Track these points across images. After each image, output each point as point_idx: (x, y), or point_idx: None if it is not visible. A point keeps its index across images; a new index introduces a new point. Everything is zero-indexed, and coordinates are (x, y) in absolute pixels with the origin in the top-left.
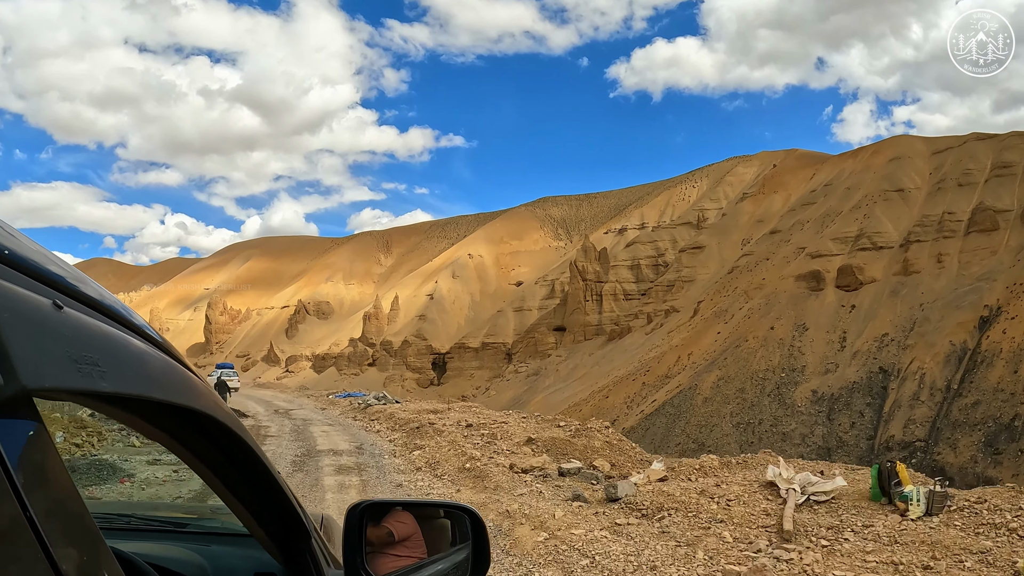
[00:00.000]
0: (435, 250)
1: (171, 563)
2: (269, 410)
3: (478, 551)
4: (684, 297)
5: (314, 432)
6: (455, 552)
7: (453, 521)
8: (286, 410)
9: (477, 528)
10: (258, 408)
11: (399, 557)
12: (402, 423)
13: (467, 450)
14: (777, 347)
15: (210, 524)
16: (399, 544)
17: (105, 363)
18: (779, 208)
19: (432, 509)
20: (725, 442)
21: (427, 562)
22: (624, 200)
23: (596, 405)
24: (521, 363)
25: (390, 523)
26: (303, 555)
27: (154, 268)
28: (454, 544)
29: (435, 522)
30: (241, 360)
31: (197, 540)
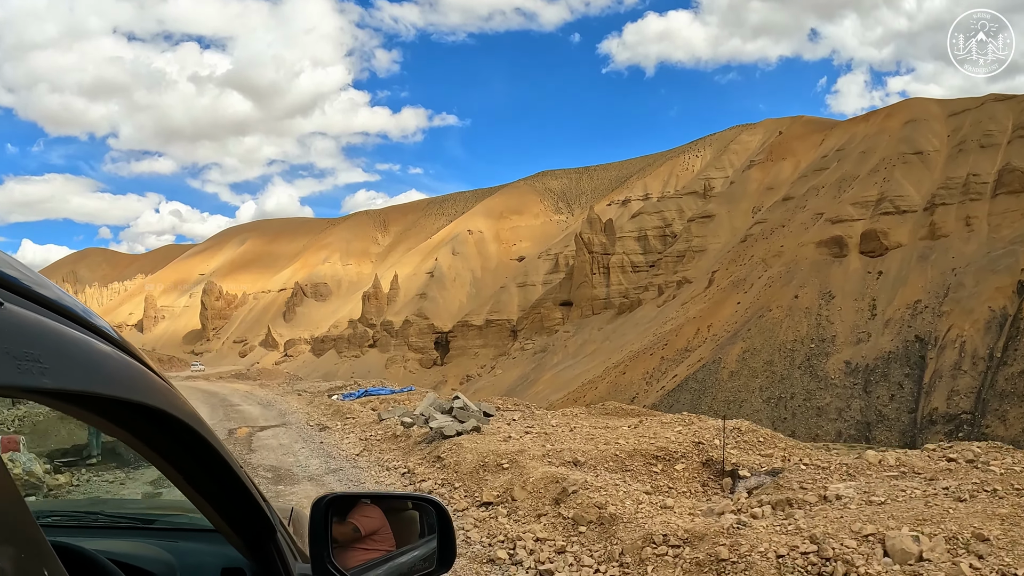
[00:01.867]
0: (433, 227)
1: (138, 560)
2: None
3: (445, 543)
4: (696, 267)
5: None
6: (423, 544)
7: (421, 513)
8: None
9: (443, 520)
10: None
11: (367, 550)
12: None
13: None
14: (803, 316)
15: (178, 520)
16: (367, 538)
17: (48, 360)
18: (789, 175)
19: (400, 501)
20: (756, 418)
21: (394, 554)
22: (624, 172)
23: (612, 382)
24: (527, 340)
25: (357, 517)
26: (269, 550)
27: (148, 256)
28: (423, 536)
29: (404, 514)
30: (239, 346)
31: (165, 536)
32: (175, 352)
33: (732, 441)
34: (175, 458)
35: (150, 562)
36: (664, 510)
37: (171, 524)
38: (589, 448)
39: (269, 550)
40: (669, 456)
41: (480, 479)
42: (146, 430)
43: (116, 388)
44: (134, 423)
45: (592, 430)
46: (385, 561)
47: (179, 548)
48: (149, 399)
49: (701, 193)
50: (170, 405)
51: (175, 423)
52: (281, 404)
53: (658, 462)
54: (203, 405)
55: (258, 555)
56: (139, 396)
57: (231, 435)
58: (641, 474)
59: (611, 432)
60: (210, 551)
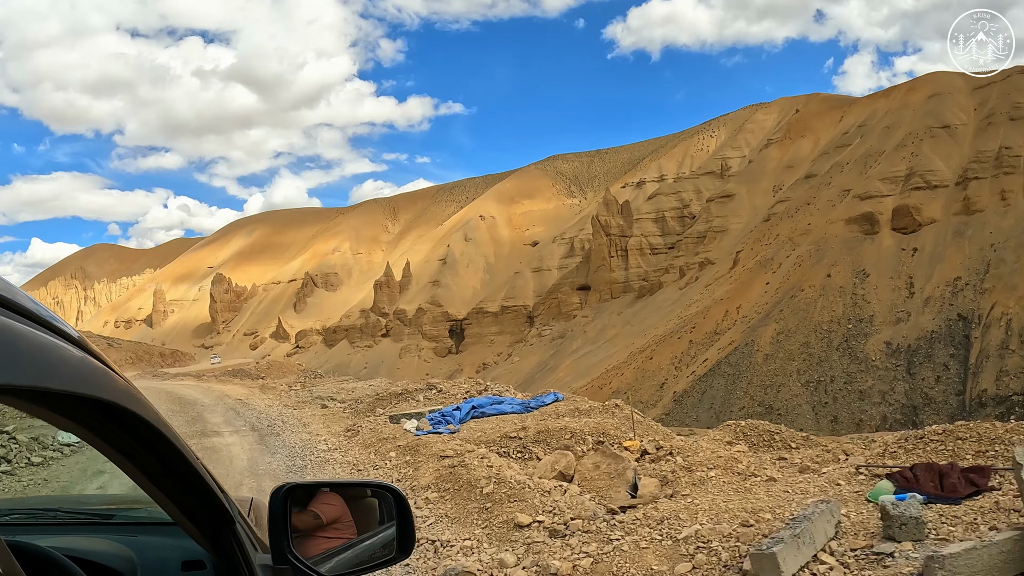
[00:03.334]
0: (443, 214)
1: (97, 556)
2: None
3: (403, 529)
4: (718, 248)
5: None
6: (382, 531)
7: (380, 501)
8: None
9: (402, 507)
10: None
11: (328, 539)
12: None
13: None
14: (838, 296)
15: (137, 514)
16: (328, 526)
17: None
18: (809, 152)
19: (359, 489)
20: (795, 403)
21: (354, 542)
22: (636, 154)
23: (639, 368)
24: (544, 326)
25: (317, 505)
26: (229, 541)
27: (156, 250)
28: (382, 523)
29: (363, 502)
30: (249, 338)
31: (124, 531)
32: (185, 346)
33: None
34: (132, 452)
35: (109, 558)
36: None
37: (130, 519)
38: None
39: (229, 541)
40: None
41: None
42: (102, 425)
43: (70, 383)
44: (89, 418)
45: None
46: (346, 549)
47: (138, 542)
48: (104, 394)
49: (718, 173)
50: (125, 399)
51: (130, 417)
52: (293, 437)
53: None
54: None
55: (218, 547)
56: (94, 391)
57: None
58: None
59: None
60: (170, 544)
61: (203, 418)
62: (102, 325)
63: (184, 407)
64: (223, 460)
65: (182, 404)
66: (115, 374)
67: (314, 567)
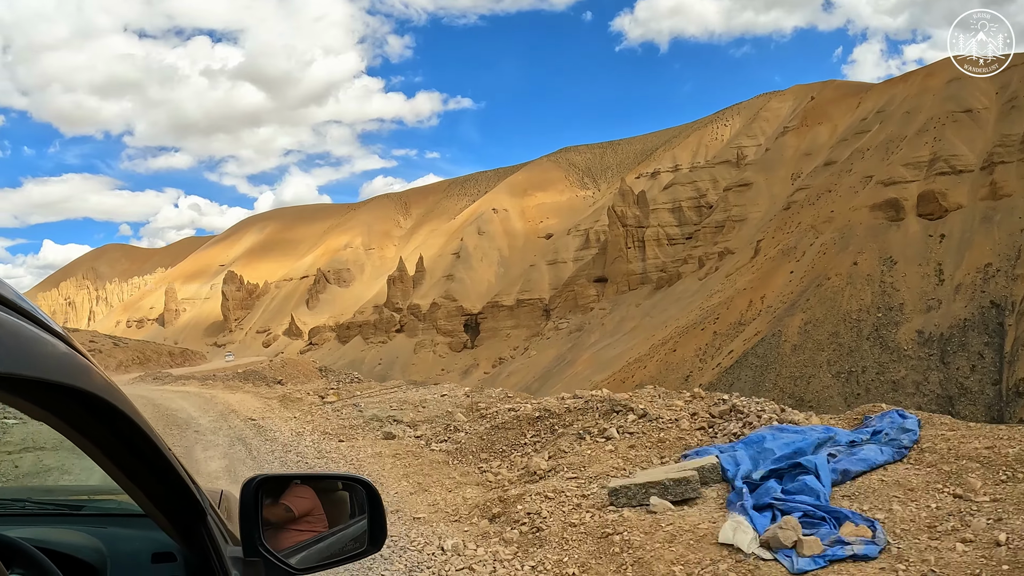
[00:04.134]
0: (456, 208)
1: (67, 547)
2: None
3: (375, 522)
4: (737, 237)
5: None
6: (354, 524)
7: (352, 494)
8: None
9: (373, 500)
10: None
11: (300, 532)
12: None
13: None
14: (866, 284)
15: (107, 506)
16: (300, 519)
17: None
18: (827, 139)
19: (330, 482)
20: (826, 395)
21: (325, 535)
22: (649, 145)
23: (662, 360)
24: (561, 319)
25: (289, 498)
26: (200, 533)
27: (167, 249)
28: (353, 516)
29: (335, 495)
30: (262, 335)
31: (94, 522)
32: (197, 345)
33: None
34: (103, 441)
35: (79, 549)
36: None
37: (100, 510)
38: None
39: (200, 534)
40: None
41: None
42: (73, 413)
43: (41, 370)
44: (60, 406)
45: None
46: (317, 541)
47: (109, 534)
48: (75, 381)
49: (734, 162)
50: (97, 387)
51: (102, 405)
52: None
53: None
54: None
55: (189, 539)
56: (65, 378)
57: None
58: None
59: None
60: (140, 536)
61: (191, 457)
62: (114, 325)
63: (168, 434)
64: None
65: (168, 427)
66: (93, 366)
67: (284, 559)
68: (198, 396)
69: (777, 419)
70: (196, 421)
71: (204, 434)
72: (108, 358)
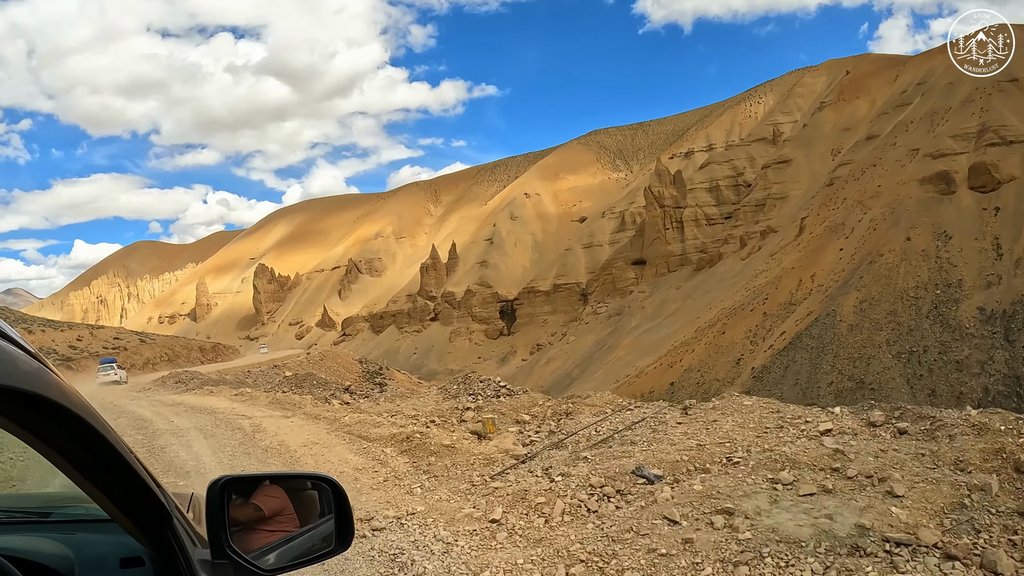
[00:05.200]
0: (487, 194)
1: (34, 555)
2: None
3: (342, 521)
4: (779, 215)
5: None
6: (322, 524)
7: (320, 493)
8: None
9: (340, 498)
10: None
11: (271, 532)
12: None
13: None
14: (921, 260)
15: (75, 512)
16: (270, 519)
17: None
18: (866, 113)
19: (299, 481)
20: (888, 376)
21: (294, 535)
22: (680, 125)
23: (711, 343)
24: (599, 303)
25: (258, 498)
26: (167, 537)
27: (197, 245)
28: (322, 516)
29: (304, 495)
30: (295, 328)
31: (61, 529)
32: (230, 338)
33: None
34: (66, 448)
35: (47, 557)
36: None
37: (67, 516)
38: None
39: (167, 537)
40: None
41: None
42: (34, 420)
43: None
44: (21, 413)
45: None
46: (286, 542)
47: (76, 540)
48: (35, 387)
49: (770, 139)
50: (58, 394)
51: (62, 412)
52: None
53: None
54: None
55: (156, 542)
56: (24, 384)
57: None
58: None
59: None
60: (108, 541)
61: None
62: (146, 321)
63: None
64: None
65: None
66: (48, 369)
67: (253, 561)
68: (227, 423)
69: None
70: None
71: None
72: (133, 355)
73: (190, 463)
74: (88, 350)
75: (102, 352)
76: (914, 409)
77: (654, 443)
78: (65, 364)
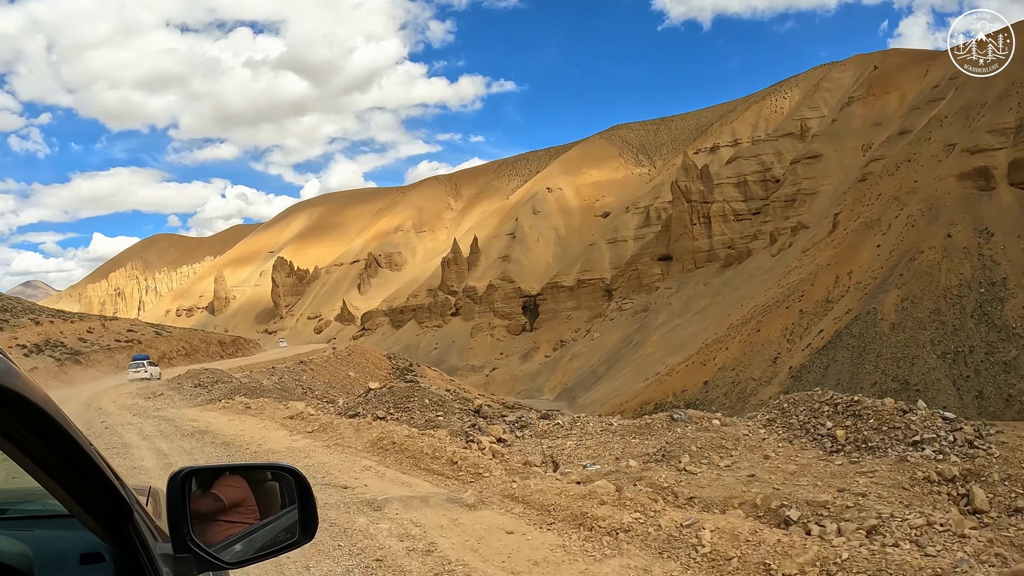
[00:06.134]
0: (507, 188)
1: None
2: None
3: (305, 512)
4: (810, 211)
5: None
6: (285, 514)
7: (281, 483)
8: None
9: (303, 488)
10: None
11: (232, 524)
12: None
13: None
14: (963, 257)
15: (33, 508)
16: (231, 510)
17: None
18: (896, 108)
19: (260, 472)
20: (933, 377)
21: (257, 527)
22: (703, 120)
23: (746, 341)
24: (624, 299)
25: (219, 488)
26: (127, 531)
27: (216, 238)
28: (284, 507)
29: (266, 486)
30: (313, 322)
31: (19, 525)
32: (248, 332)
33: None
34: (22, 441)
35: (4, 555)
36: None
37: (25, 512)
38: None
39: (127, 532)
40: None
41: None
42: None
43: None
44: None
45: None
46: (249, 534)
47: (35, 536)
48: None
49: (798, 134)
50: (15, 385)
51: (19, 402)
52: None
53: None
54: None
55: (117, 538)
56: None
57: None
58: None
59: None
60: (68, 537)
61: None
62: (163, 314)
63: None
64: None
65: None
66: (6, 359)
67: (215, 554)
68: (254, 437)
69: None
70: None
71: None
72: (149, 349)
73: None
74: (99, 343)
75: (114, 345)
76: None
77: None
78: (73, 358)
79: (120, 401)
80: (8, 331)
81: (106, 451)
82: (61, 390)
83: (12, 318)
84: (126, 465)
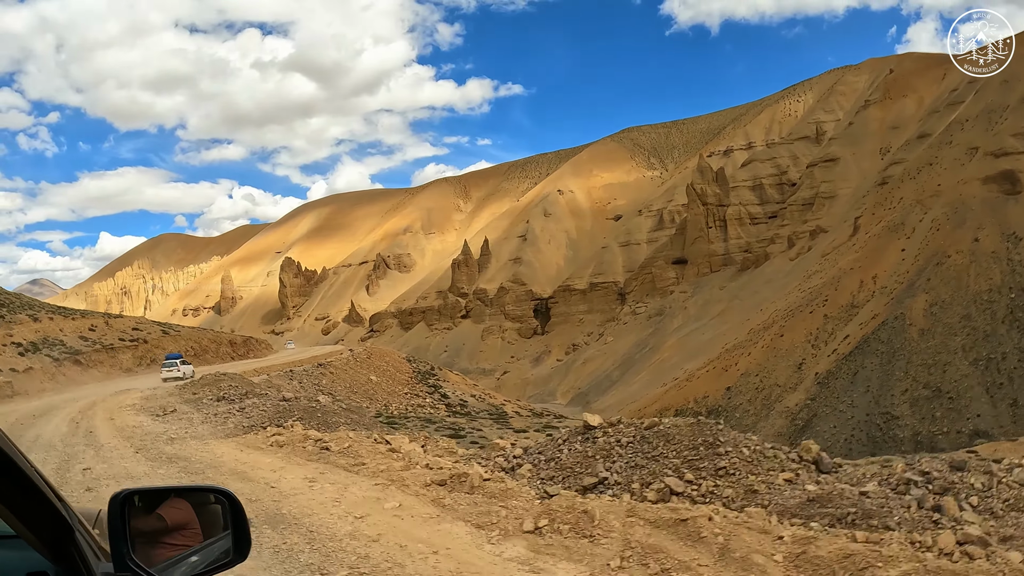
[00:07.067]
0: (517, 190)
1: None
2: None
3: (239, 532)
4: (828, 215)
5: None
6: (224, 536)
7: (222, 506)
8: None
9: (236, 511)
10: None
11: (175, 546)
12: None
13: None
14: (992, 262)
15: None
16: (175, 532)
17: None
18: (914, 112)
19: (201, 494)
20: (965, 385)
21: (197, 548)
22: (716, 123)
23: (769, 346)
24: (638, 303)
25: (163, 510)
26: (70, 551)
27: (222, 238)
28: (225, 529)
29: (209, 508)
30: (321, 323)
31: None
32: (254, 332)
33: None
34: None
35: None
36: None
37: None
38: None
39: (70, 551)
40: None
41: None
42: None
43: None
44: None
45: None
46: (189, 555)
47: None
48: None
49: (813, 137)
50: None
51: None
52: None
53: None
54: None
55: (60, 558)
56: None
57: None
58: None
59: None
60: (12, 556)
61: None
62: (170, 313)
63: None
64: None
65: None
66: None
67: (155, 574)
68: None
69: None
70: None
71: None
72: (155, 349)
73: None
74: (102, 342)
75: (117, 344)
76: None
77: None
78: (72, 358)
79: (119, 419)
80: (3, 328)
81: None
82: (52, 396)
83: (9, 314)
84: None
